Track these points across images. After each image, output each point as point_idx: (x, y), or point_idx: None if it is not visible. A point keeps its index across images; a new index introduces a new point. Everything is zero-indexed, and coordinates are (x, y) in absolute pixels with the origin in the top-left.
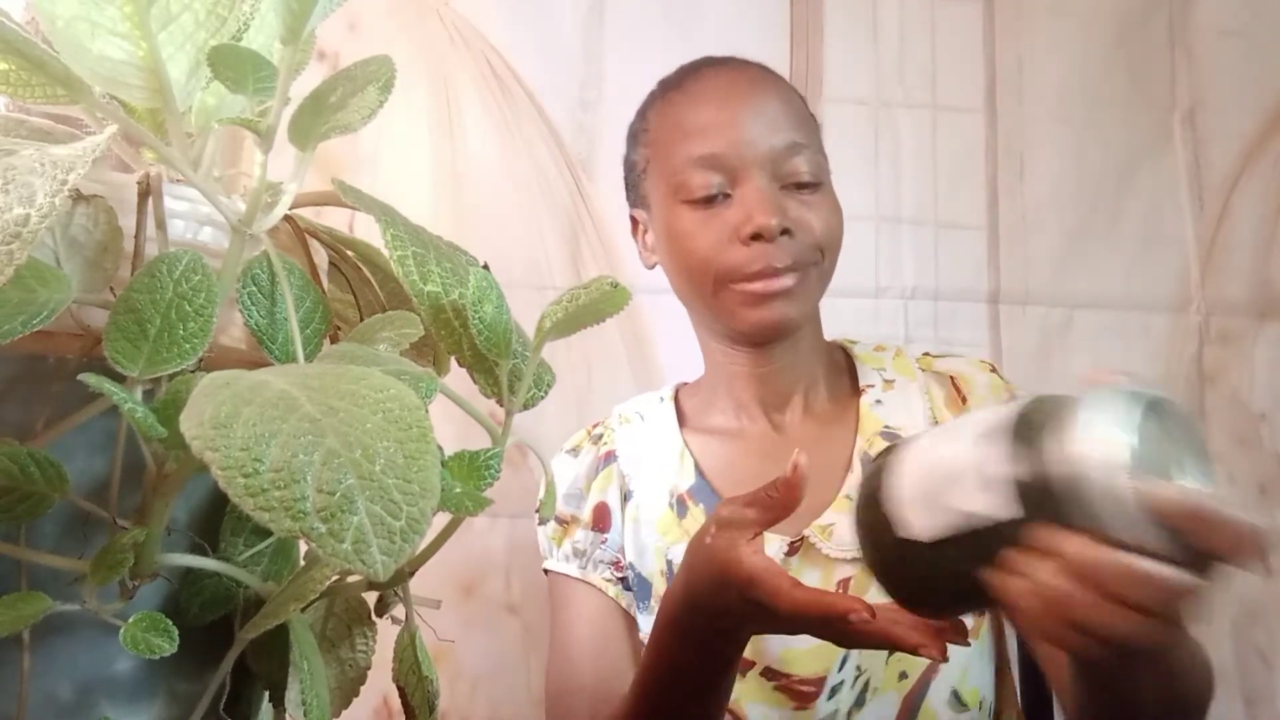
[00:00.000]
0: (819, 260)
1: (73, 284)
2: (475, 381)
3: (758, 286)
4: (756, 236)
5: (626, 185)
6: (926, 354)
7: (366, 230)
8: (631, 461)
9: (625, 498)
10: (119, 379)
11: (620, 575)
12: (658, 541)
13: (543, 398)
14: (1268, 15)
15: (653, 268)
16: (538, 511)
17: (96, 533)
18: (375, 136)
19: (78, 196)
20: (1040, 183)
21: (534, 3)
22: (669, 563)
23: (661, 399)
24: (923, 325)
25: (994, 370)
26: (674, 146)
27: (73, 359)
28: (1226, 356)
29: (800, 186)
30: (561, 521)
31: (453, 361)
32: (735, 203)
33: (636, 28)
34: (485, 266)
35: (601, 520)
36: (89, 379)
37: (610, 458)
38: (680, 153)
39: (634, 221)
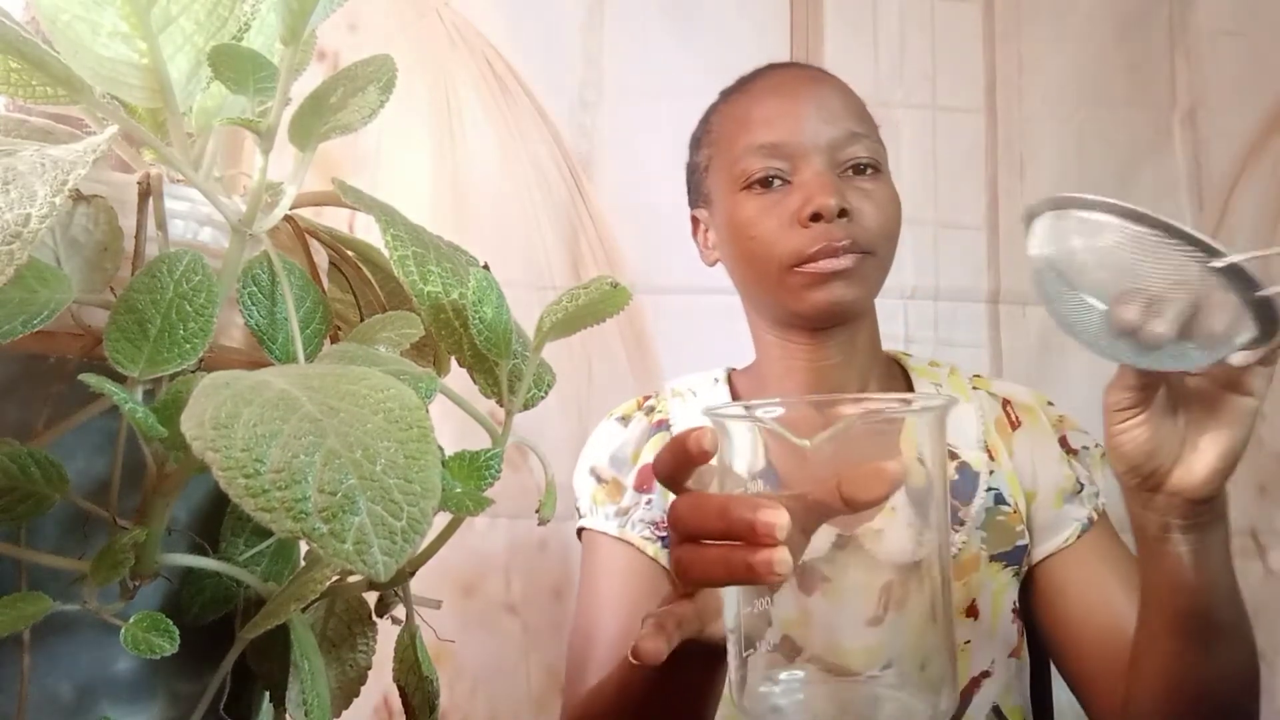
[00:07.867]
0: (876, 250)
1: (73, 284)
2: (475, 381)
3: (818, 266)
4: (816, 217)
5: (689, 189)
6: (979, 376)
7: (366, 230)
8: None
9: None
10: (119, 379)
11: (660, 535)
12: None
13: (543, 398)
14: (1268, 15)
15: (714, 264)
16: (538, 512)
17: (97, 533)
18: (375, 136)
19: (78, 196)
20: (1040, 183)
21: (534, 3)
22: None
23: (715, 380)
24: (923, 325)
25: (1050, 404)
26: (736, 138)
27: (73, 359)
28: None
29: (859, 171)
30: (603, 481)
31: (453, 361)
32: (795, 188)
33: (636, 28)
34: (485, 266)
35: (647, 481)
36: (89, 379)
37: (663, 425)
38: (741, 142)
39: (694, 222)
